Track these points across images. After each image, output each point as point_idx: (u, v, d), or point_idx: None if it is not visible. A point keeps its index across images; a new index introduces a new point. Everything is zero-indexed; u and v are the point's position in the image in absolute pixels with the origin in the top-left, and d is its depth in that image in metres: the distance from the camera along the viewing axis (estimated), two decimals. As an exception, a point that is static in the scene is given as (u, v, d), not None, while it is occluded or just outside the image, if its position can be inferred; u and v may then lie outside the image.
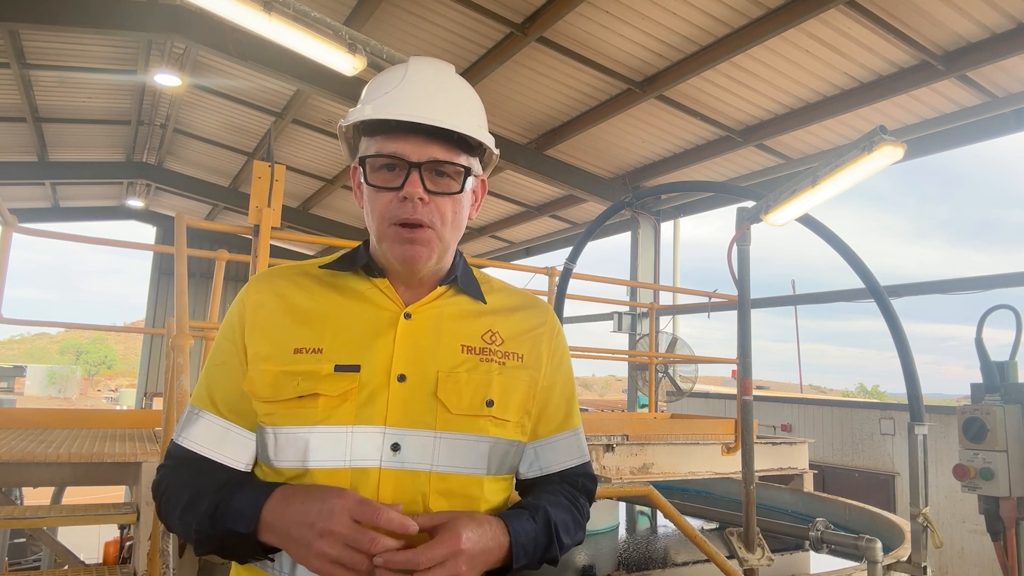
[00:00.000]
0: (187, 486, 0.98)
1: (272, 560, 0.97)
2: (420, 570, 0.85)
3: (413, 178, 1.01)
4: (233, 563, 1.06)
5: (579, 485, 1.14)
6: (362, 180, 1.06)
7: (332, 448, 0.96)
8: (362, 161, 1.05)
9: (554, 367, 1.15)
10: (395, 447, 0.97)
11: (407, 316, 1.06)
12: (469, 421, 1.01)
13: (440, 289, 1.10)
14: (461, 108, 1.06)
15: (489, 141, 1.09)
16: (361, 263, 1.10)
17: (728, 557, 2.90)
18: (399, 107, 1.02)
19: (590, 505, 1.16)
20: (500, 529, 0.95)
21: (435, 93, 1.05)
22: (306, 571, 0.94)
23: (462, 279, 1.13)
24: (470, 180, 1.07)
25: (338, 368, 0.99)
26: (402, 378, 1.00)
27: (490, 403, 1.03)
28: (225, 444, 1.01)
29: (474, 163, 1.09)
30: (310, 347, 1.01)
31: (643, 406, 7.71)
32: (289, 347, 1.02)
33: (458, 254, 1.14)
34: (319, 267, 1.12)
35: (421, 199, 1.01)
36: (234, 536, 0.92)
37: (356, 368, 0.99)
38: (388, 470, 0.97)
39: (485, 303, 1.13)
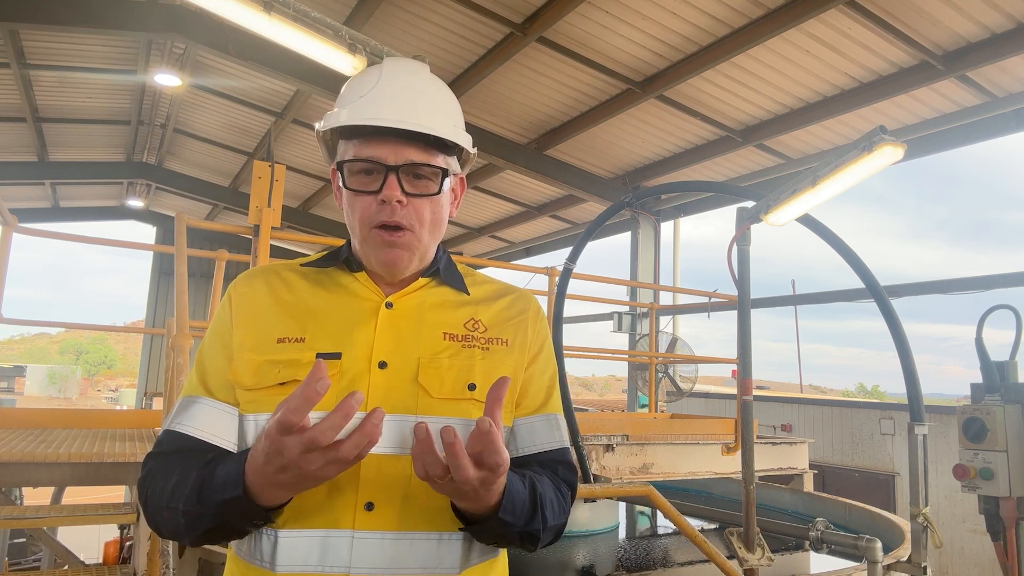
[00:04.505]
0: (175, 471, 0.95)
1: (273, 522, 0.94)
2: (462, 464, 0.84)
3: (391, 181, 1.02)
4: (227, 560, 1.05)
5: (559, 473, 1.11)
6: (340, 184, 1.07)
7: None
8: (340, 165, 1.06)
9: (535, 351, 1.15)
10: None
11: (388, 305, 1.07)
12: (451, 405, 1.02)
13: (422, 280, 1.12)
14: (436, 109, 1.07)
15: (465, 141, 1.09)
16: (342, 258, 1.12)
17: (728, 557, 2.90)
18: (374, 111, 1.02)
19: (573, 498, 1.12)
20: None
21: (410, 95, 1.05)
22: (286, 552, 0.94)
23: (444, 271, 1.14)
24: (448, 180, 1.08)
25: (319, 356, 0.99)
26: (383, 365, 1.01)
27: (472, 387, 1.03)
28: (220, 425, 1.00)
29: (452, 162, 1.09)
30: (293, 336, 1.03)
31: (643, 406, 7.71)
32: (272, 337, 1.03)
33: (440, 249, 1.16)
34: (301, 265, 1.15)
35: (399, 202, 1.02)
36: (226, 506, 0.89)
37: (337, 356, 1.00)
38: (370, 454, 0.94)
39: (468, 294, 1.15)
